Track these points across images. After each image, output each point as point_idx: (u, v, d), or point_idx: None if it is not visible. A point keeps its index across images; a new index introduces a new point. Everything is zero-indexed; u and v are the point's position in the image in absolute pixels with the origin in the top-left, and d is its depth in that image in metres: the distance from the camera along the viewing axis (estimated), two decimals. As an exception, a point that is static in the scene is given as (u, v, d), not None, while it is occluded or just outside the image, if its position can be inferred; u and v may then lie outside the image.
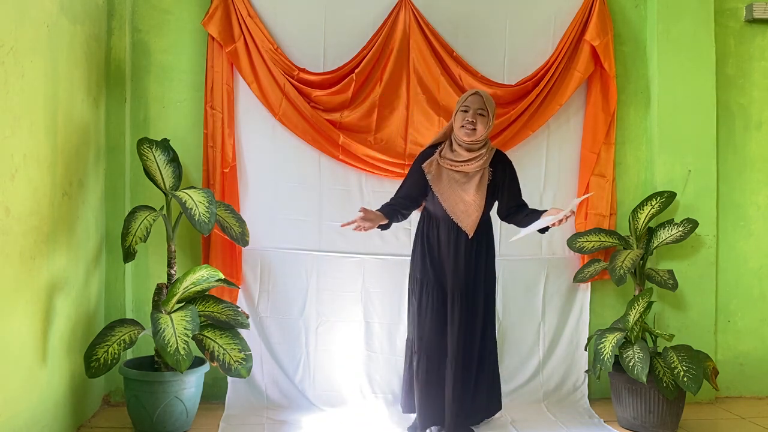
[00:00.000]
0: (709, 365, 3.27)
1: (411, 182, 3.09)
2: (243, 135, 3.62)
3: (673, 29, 3.79)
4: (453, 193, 3.01)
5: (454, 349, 3.00)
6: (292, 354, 3.62)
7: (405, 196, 3.08)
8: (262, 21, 3.56)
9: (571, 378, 3.73)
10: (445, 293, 3.04)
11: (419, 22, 3.62)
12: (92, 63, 3.34)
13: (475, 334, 3.06)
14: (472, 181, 3.02)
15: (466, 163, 3.01)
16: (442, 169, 3.03)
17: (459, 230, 3.03)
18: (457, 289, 3.02)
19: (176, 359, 2.84)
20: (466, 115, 2.97)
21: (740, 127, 3.93)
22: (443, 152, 3.05)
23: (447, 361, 3.02)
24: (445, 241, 3.04)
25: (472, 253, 3.05)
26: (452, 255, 3.03)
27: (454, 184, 3.02)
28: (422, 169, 3.04)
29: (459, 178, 3.02)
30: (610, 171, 3.77)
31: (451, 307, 3.02)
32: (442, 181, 3.02)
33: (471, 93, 3.04)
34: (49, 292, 2.85)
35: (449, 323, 3.02)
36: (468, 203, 3.01)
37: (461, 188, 3.01)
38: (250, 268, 3.61)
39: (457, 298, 3.02)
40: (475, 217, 3.01)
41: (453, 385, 3.00)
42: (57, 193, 2.92)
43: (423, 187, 3.05)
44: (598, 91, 3.74)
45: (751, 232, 3.94)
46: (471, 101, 3.00)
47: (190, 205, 3.09)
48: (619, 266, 3.45)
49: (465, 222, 3.02)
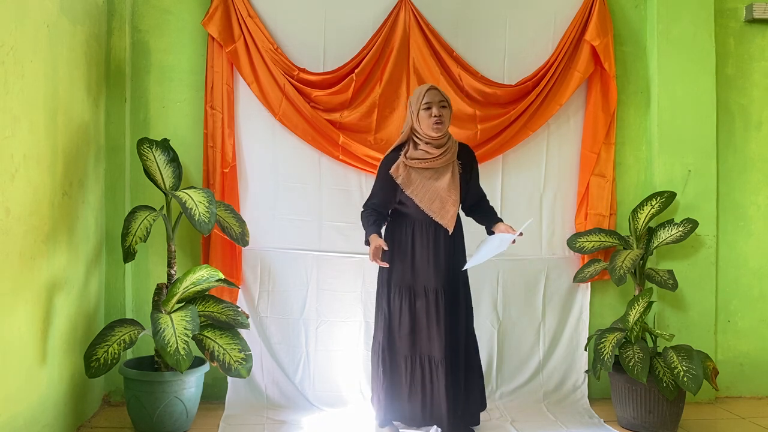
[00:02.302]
0: (709, 365, 3.27)
1: (382, 189, 3.03)
2: (243, 135, 3.62)
3: (673, 29, 3.79)
4: (428, 191, 2.98)
5: (443, 349, 2.95)
6: (292, 354, 3.62)
7: (382, 203, 3.04)
8: (262, 21, 3.57)
9: (571, 378, 3.73)
10: (423, 294, 2.99)
11: (419, 22, 3.62)
12: (92, 63, 3.34)
13: (460, 332, 3.03)
14: (445, 176, 2.99)
15: (436, 159, 2.97)
16: (410, 170, 2.98)
17: (437, 228, 3.00)
18: (440, 287, 2.98)
19: (176, 359, 2.84)
20: (431, 111, 2.93)
21: (740, 127, 3.93)
22: (408, 153, 2.99)
23: (437, 362, 2.97)
24: (422, 241, 3.01)
25: (451, 249, 3.03)
26: (431, 254, 2.99)
27: (426, 182, 2.97)
28: (390, 174, 2.98)
29: (431, 176, 2.98)
30: (610, 171, 3.77)
31: (435, 307, 2.97)
32: (414, 182, 2.97)
33: (427, 88, 2.98)
34: (49, 292, 2.85)
35: (435, 323, 2.96)
36: (444, 199, 2.98)
37: (435, 185, 2.98)
38: (250, 268, 3.61)
39: (441, 297, 2.97)
40: (453, 212, 3.00)
41: (446, 384, 2.95)
42: (57, 193, 2.92)
43: (394, 191, 3.01)
44: (598, 91, 3.74)
45: (751, 232, 3.94)
46: (431, 96, 2.94)
47: (190, 205, 3.09)
48: (619, 266, 3.45)
49: (444, 218, 2.98)
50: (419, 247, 3.01)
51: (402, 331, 3.00)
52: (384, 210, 3.06)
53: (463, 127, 3.62)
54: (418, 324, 2.99)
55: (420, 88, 3.03)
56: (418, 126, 2.97)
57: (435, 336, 2.97)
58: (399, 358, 3.03)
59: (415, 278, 3.01)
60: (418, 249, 3.02)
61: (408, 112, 3.04)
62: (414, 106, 2.98)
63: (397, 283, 3.01)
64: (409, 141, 3.03)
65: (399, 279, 3.01)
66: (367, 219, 3.03)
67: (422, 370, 3.00)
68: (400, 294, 3.01)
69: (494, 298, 3.72)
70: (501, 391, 3.67)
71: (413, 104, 2.99)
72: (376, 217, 3.02)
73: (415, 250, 3.02)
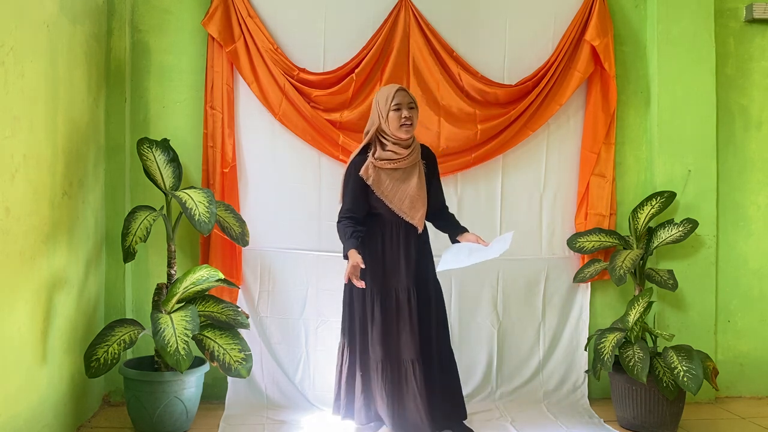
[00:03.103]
0: (709, 365, 3.27)
1: (354, 193, 2.96)
2: (243, 135, 3.62)
3: (673, 29, 3.79)
4: (398, 191, 2.97)
5: (417, 348, 2.92)
6: (292, 354, 3.62)
7: (357, 209, 2.97)
8: (262, 21, 3.57)
9: (571, 378, 3.73)
10: (393, 295, 2.97)
11: (419, 22, 3.62)
12: (92, 63, 3.34)
13: (431, 330, 3.01)
14: (412, 176, 2.99)
15: (404, 159, 2.96)
16: (380, 171, 2.96)
17: (407, 228, 3.00)
18: (411, 285, 2.97)
19: (176, 359, 2.84)
20: (400, 112, 2.92)
21: (740, 127, 3.93)
22: (377, 154, 2.96)
23: (409, 362, 2.92)
24: (392, 242, 2.99)
25: (420, 248, 3.03)
26: (402, 253, 2.99)
27: (396, 182, 2.97)
28: (360, 177, 2.95)
29: (399, 176, 2.98)
30: (610, 171, 3.77)
31: (407, 306, 2.95)
32: (383, 182, 2.96)
33: (396, 89, 2.95)
34: (49, 291, 2.85)
35: (407, 322, 2.94)
36: (414, 198, 2.98)
37: (405, 185, 2.98)
38: (250, 268, 3.61)
39: (413, 295, 2.96)
40: (423, 212, 3.01)
41: (423, 385, 2.91)
42: (57, 193, 2.92)
43: (366, 194, 2.97)
44: (598, 91, 3.74)
45: (751, 232, 3.94)
46: (400, 97, 2.93)
47: (190, 205, 3.09)
48: (619, 266, 3.45)
49: (414, 217, 2.98)
50: (389, 248, 3.00)
51: (374, 334, 2.96)
52: (360, 215, 2.97)
53: (463, 127, 3.62)
54: (389, 325, 2.95)
55: (388, 88, 3.00)
56: (386, 127, 2.95)
57: (408, 336, 2.94)
58: (370, 362, 2.97)
59: (386, 279, 2.98)
60: (388, 250, 3.00)
61: (374, 113, 3.01)
62: (383, 106, 2.95)
63: (368, 284, 2.94)
64: (375, 143, 3.00)
65: (370, 281, 2.95)
66: (344, 231, 2.92)
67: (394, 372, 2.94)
68: (372, 296, 2.97)
69: (494, 298, 3.72)
70: (501, 391, 3.67)
71: (381, 105, 2.96)
72: (353, 228, 2.92)
73: (386, 252, 3.00)
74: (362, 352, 3.02)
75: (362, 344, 3.01)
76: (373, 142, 3.00)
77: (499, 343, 3.71)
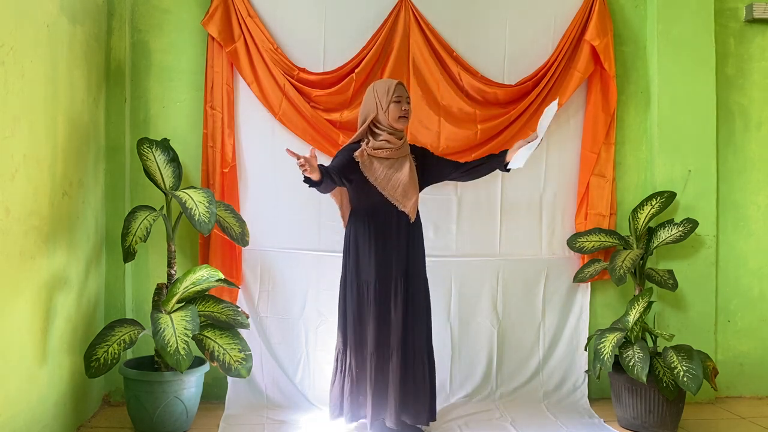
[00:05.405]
0: (709, 365, 3.27)
1: (340, 161, 3.02)
2: (243, 135, 3.62)
3: (673, 29, 3.79)
4: (391, 178, 3.04)
5: (398, 338, 3.00)
6: (292, 354, 3.62)
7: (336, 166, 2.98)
8: (262, 21, 3.56)
9: (571, 378, 3.73)
10: (382, 283, 3.02)
11: (419, 22, 3.62)
12: (92, 63, 3.34)
13: (415, 321, 3.05)
14: (404, 165, 3.07)
15: (398, 149, 3.06)
16: (372, 159, 3.04)
17: (399, 216, 3.06)
18: (399, 274, 3.03)
19: (176, 359, 2.84)
20: (401, 104, 3.04)
21: (740, 127, 3.93)
22: (371, 144, 3.05)
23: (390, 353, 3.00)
24: (383, 231, 3.04)
25: (411, 236, 3.09)
26: (393, 242, 3.04)
27: (388, 170, 3.04)
28: (353, 157, 3.01)
29: (391, 165, 3.06)
30: (610, 171, 3.77)
31: (394, 295, 3.02)
32: (376, 170, 3.03)
33: (395, 82, 3.08)
34: (49, 291, 2.85)
35: (392, 311, 3.01)
36: (407, 185, 3.05)
37: (397, 173, 3.05)
38: (250, 268, 3.61)
39: (400, 283, 3.03)
40: (415, 200, 3.08)
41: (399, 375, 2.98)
42: (57, 193, 2.92)
43: (351, 169, 3.01)
44: (598, 91, 3.74)
45: (751, 232, 3.94)
46: (401, 91, 3.07)
47: (190, 205, 3.09)
48: (619, 266, 3.46)
49: (406, 205, 3.05)
50: (380, 236, 3.05)
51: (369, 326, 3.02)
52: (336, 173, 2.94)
53: (463, 127, 3.62)
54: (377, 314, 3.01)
55: (386, 81, 3.12)
56: (384, 117, 3.04)
57: (392, 324, 3.00)
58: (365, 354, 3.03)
59: (377, 268, 3.03)
60: (380, 239, 3.05)
61: (370, 104, 3.08)
62: (383, 98, 3.05)
63: (360, 279, 3.04)
64: (367, 133, 3.09)
65: (362, 275, 3.04)
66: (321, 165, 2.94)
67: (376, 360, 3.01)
68: (364, 289, 3.04)
69: (494, 298, 3.72)
70: (501, 391, 3.67)
71: (381, 96, 3.05)
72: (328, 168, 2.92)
73: (377, 241, 3.05)
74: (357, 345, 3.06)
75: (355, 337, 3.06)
76: (365, 134, 3.09)
77: (499, 343, 3.71)
